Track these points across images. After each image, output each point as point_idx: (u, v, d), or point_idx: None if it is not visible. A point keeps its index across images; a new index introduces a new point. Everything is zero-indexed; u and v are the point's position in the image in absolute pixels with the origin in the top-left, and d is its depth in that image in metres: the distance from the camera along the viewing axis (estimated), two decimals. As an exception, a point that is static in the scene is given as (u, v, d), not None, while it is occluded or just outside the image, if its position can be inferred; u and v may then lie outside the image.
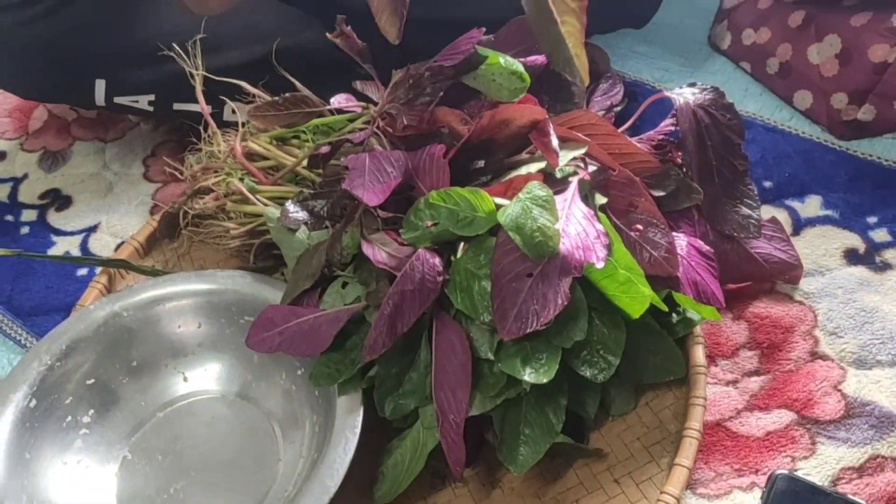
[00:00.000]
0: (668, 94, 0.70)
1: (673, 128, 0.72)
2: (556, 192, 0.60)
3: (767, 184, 0.81)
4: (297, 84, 0.81)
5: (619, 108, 0.80)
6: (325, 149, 0.71)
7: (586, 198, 0.62)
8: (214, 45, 0.80)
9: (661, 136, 0.72)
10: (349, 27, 0.75)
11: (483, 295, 0.57)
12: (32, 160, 0.94)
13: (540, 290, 0.56)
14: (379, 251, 0.62)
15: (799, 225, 0.77)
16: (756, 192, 0.72)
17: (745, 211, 0.71)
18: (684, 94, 0.70)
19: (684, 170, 0.71)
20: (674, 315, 0.64)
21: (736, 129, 0.71)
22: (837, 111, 0.85)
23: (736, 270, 0.71)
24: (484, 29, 0.67)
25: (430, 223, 0.60)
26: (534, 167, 0.63)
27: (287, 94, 0.73)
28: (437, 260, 0.59)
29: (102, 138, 0.96)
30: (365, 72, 0.88)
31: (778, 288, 0.72)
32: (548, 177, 0.63)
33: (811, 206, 0.79)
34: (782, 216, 0.78)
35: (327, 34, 0.75)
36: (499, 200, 0.59)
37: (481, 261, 0.59)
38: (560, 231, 0.56)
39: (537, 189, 0.58)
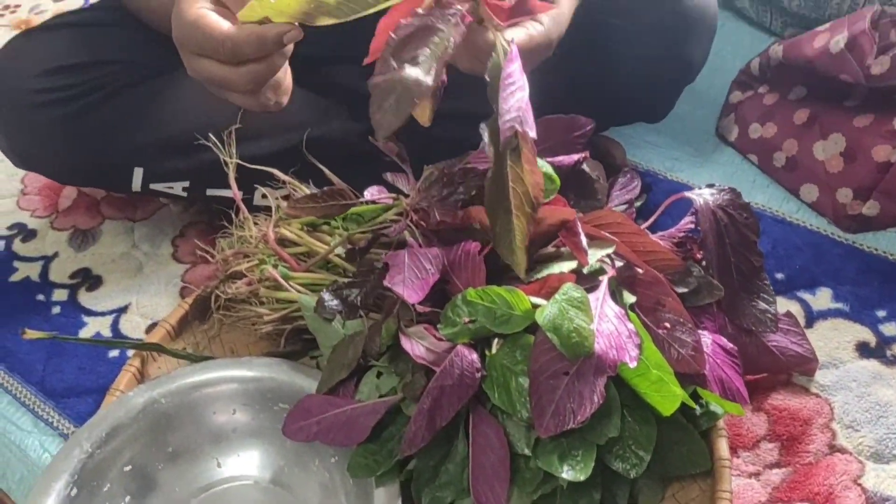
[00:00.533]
0: (688, 195, 0.73)
1: (692, 226, 0.75)
2: (587, 290, 0.63)
3: (779, 275, 0.85)
4: (327, 172, 0.84)
5: (639, 204, 0.84)
6: (362, 242, 0.74)
7: (615, 295, 0.65)
8: (248, 134, 0.83)
9: (681, 234, 0.75)
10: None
11: (520, 391, 0.60)
12: (62, 239, 0.97)
13: (576, 389, 0.58)
14: (417, 345, 0.64)
15: (811, 317, 0.81)
16: (771, 287, 0.75)
17: (762, 305, 0.74)
18: (703, 195, 0.73)
19: (703, 263, 0.75)
20: (697, 408, 0.67)
21: (752, 227, 0.74)
22: (843, 205, 0.89)
23: (753, 362, 0.74)
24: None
25: (467, 319, 0.63)
26: (565, 266, 0.66)
27: (325, 189, 0.76)
28: (475, 356, 0.61)
29: (132, 218, 0.98)
30: (391, 161, 0.92)
31: (794, 380, 0.75)
32: (577, 274, 0.66)
33: (822, 298, 0.82)
34: (795, 308, 0.81)
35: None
36: (534, 299, 0.62)
37: (517, 357, 0.61)
38: (595, 331, 0.59)
39: (573, 290, 0.60)
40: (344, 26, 0.89)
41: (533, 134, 0.57)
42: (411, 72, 0.52)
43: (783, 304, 0.81)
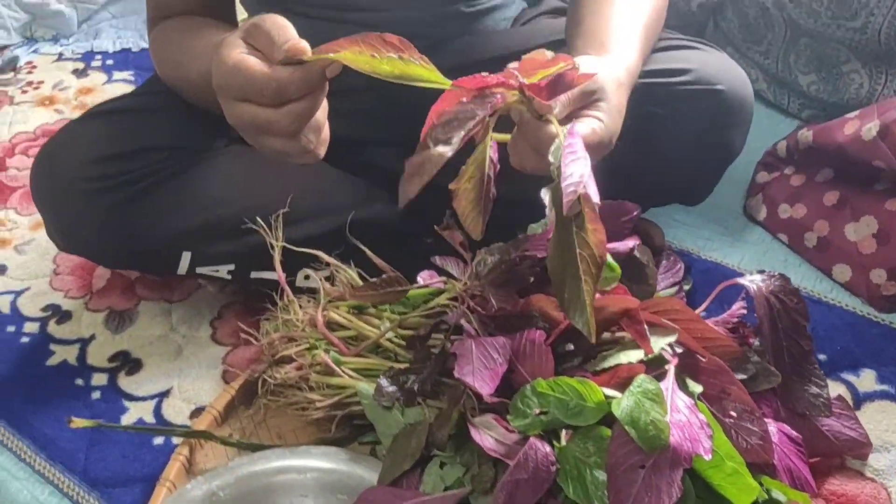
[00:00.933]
0: (741, 281, 0.75)
1: (744, 311, 0.77)
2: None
3: (822, 356, 0.86)
4: (370, 254, 0.85)
5: (687, 287, 0.85)
6: (422, 330, 0.74)
7: (681, 384, 0.66)
8: (293, 217, 0.84)
9: (734, 320, 0.76)
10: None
11: (596, 485, 0.59)
12: (98, 320, 0.96)
13: (653, 482, 0.58)
14: (486, 437, 0.64)
15: (858, 399, 0.81)
16: (821, 371, 0.76)
17: (815, 390, 0.75)
18: (756, 282, 0.75)
19: (757, 344, 0.76)
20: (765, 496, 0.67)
21: (802, 312, 0.76)
22: (877, 286, 0.91)
23: (808, 447, 0.74)
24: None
25: (538, 411, 0.63)
26: (632, 356, 0.67)
27: (383, 276, 0.77)
28: (549, 449, 0.61)
29: (168, 299, 0.98)
30: (433, 242, 0.93)
31: (848, 464, 0.75)
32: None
33: (867, 380, 0.83)
34: (841, 390, 0.82)
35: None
36: (606, 391, 0.63)
37: (590, 449, 0.61)
38: (669, 423, 0.59)
39: (647, 383, 0.61)
40: (383, 111, 0.92)
41: (596, 198, 0.58)
42: (439, 148, 0.55)
43: (829, 387, 0.81)
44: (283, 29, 0.60)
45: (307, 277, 0.90)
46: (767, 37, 1.15)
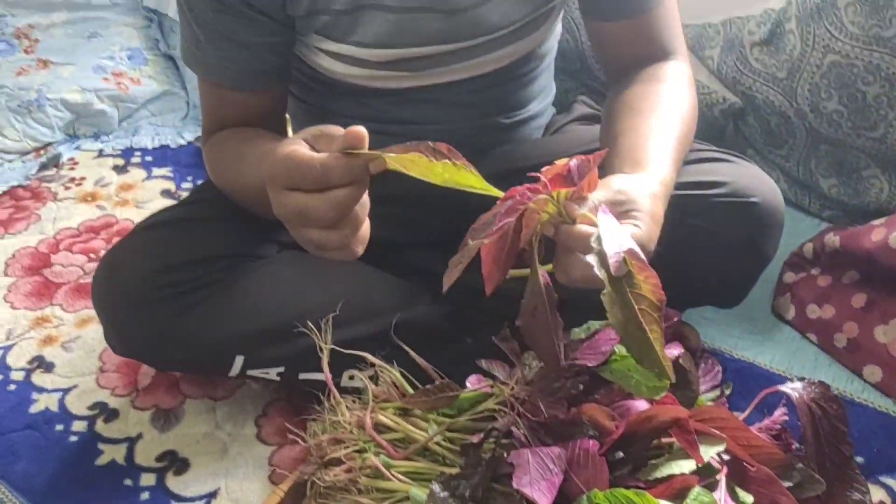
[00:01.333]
0: (782, 388, 0.77)
1: (786, 417, 0.79)
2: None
3: (859, 459, 0.87)
4: (414, 355, 0.87)
5: (728, 392, 0.87)
6: (476, 437, 0.76)
7: (732, 494, 0.67)
8: (341, 320, 0.86)
9: (777, 426, 0.78)
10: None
11: None
12: (145, 419, 0.98)
13: None
14: (544, 546, 0.65)
15: (899, 504, 0.83)
16: (862, 477, 0.77)
17: (857, 496, 0.76)
18: (797, 389, 0.77)
19: (797, 447, 0.78)
20: None
21: (841, 418, 0.77)
22: (909, 387, 0.93)
23: (853, 554, 0.75)
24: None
25: (595, 522, 0.64)
26: (683, 465, 0.69)
27: (436, 383, 0.79)
28: (608, 561, 0.63)
29: (212, 396, 1.00)
30: (474, 343, 0.96)
31: (894, 571, 0.76)
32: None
33: (906, 484, 0.85)
34: (881, 494, 0.84)
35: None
36: (662, 503, 0.64)
37: (647, 562, 0.63)
38: (726, 536, 0.61)
39: (703, 496, 0.63)
40: (423, 216, 0.96)
41: (641, 255, 0.61)
42: (475, 241, 0.62)
43: (871, 492, 0.83)
44: (341, 129, 0.62)
45: (352, 378, 0.93)
46: (788, 142, 1.20)
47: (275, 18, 0.84)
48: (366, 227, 0.66)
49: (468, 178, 0.62)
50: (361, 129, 0.60)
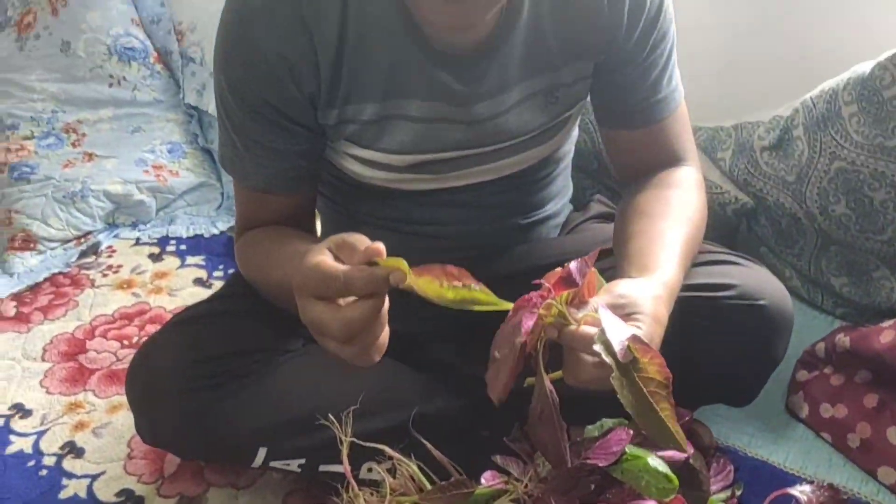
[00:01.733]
0: (792, 492, 0.79)
1: (797, 520, 0.80)
2: None
3: (874, 564, 0.88)
4: (431, 448, 0.89)
5: (739, 493, 0.89)
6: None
7: None
8: (361, 412, 0.89)
9: (788, 530, 0.79)
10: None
11: None
12: (170, 506, 1.01)
13: None
14: None
15: None
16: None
17: None
18: (806, 493, 0.78)
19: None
20: None
21: (852, 522, 0.79)
22: (924, 490, 0.93)
23: None
24: (632, 432, 0.78)
25: None
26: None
27: (452, 479, 0.82)
28: None
29: (235, 485, 1.03)
30: (490, 435, 0.98)
31: None
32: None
33: (921, 590, 0.84)
34: None
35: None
36: None
37: None
38: None
39: None
40: (438, 310, 1.00)
41: (644, 340, 0.65)
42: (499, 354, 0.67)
43: None
44: (364, 241, 0.67)
45: (370, 470, 0.95)
46: (799, 242, 1.23)
47: (307, 127, 0.91)
48: (384, 336, 0.69)
49: (480, 297, 0.66)
50: (380, 246, 0.65)
